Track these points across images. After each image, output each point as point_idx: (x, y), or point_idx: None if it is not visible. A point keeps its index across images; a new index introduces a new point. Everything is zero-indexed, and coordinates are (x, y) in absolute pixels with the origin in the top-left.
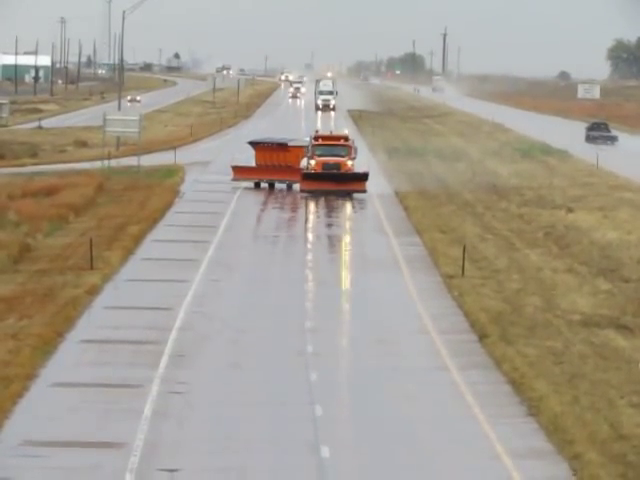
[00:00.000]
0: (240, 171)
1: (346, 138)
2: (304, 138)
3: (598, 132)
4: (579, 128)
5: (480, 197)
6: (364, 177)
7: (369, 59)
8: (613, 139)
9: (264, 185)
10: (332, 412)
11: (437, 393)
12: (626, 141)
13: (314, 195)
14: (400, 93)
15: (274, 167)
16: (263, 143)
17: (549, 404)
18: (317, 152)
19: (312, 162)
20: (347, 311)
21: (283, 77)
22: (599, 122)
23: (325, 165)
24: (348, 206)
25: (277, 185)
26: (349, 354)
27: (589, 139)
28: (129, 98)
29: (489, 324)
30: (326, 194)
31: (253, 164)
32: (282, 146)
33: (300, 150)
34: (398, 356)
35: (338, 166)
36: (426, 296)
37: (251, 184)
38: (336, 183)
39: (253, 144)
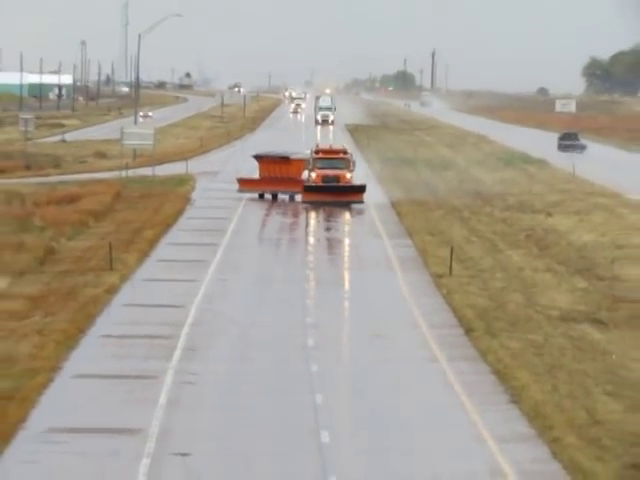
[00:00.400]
0: (245, 183)
1: (345, 152)
2: (305, 151)
3: (569, 141)
4: (556, 139)
5: (466, 203)
6: (362, 189)
7: (364, 76)
8: (582, 148)
9: (267, 196)
10: (331, 400)
11: (428, 382)
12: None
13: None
14: (392, 108)
15: (277, 179)
16: (267, 156)
17: (530, 392)
18: (317, 165)
19: (313, 175)
20: (345, 308)
21: (287, 94)
22: (570, 132)
23: (325, 178)
24: (346, 212)
25: (280, 196)
26: (347, 347)
27: (560, 147)
28: (141, 114)
29: (475, 319)
30: (326, 205)
31: (257, 176)
32: (285, 159)
33: (302, 163)
34: (392, 349)
35: (337, 179)
36: (417, 294)
37: (255, 195)
38: (335, 195)
39: (257, 157)
